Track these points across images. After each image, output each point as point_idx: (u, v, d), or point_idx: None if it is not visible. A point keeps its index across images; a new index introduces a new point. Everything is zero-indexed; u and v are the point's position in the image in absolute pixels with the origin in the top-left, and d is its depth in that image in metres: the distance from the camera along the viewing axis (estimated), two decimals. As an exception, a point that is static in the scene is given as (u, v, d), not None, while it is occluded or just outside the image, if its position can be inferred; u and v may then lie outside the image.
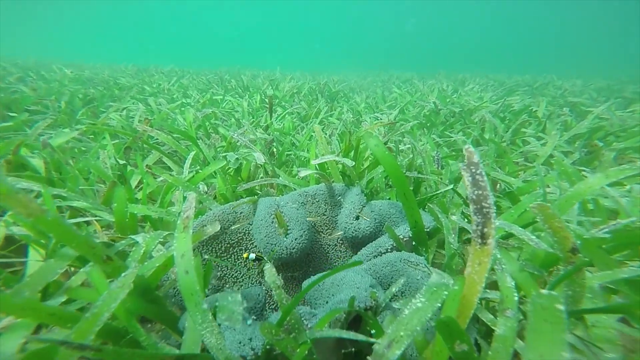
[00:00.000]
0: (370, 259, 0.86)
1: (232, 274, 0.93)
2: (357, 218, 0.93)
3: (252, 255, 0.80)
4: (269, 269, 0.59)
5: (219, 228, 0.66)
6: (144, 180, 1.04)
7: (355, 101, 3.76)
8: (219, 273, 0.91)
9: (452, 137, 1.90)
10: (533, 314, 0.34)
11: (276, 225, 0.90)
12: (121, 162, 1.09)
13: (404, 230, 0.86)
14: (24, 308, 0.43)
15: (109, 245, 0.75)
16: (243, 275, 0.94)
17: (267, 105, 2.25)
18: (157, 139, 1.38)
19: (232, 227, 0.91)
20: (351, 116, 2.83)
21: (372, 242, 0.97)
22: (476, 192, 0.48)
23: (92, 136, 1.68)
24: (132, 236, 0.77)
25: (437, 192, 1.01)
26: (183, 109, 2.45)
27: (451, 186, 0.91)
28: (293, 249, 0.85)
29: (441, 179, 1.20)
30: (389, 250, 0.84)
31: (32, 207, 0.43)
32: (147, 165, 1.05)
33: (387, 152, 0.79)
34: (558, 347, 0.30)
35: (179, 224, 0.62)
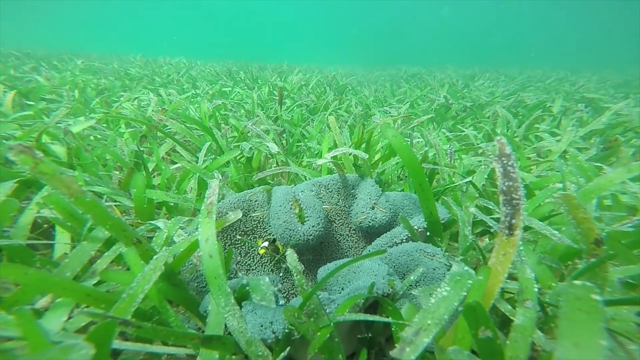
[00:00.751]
0: (385, 249, 0.86)
1: (246, 262, 0.95)
2: (373, 208, 0.93)
3: (265, 243, 0.81)
4: (291, 254, 0.60)
5: (240, 215, 0.67)
6: (162, 167, 1.05)
7: (364, 94, 3.73)
8: (238, 258, 0.93)
9: (463, 132, 1.88)
10: (566, 303, 0.34)
11: (294, 212, 0.91)
12: (139, 149, 1.11)
13: (418, 221, 0.86)
14: (66, 288, 0.44)
15: None
16: (256, 263, 0.95)
17: (277, 97, 2.24)
18: (170, 128, 1.39)
19: (253, 214, 0.92)
20: (360, 109, 2.82)
21: (386, 232, 0.98)
22: (507, 183, 0.47)
23: (106, 125, 1.70)
24: (152, 222, 0.78)
25: (452, 184, 1.00)
26: (194, 99, 2.46)
27: (469, 178, 0.90)
28: (310, 235, 0.86)
29: (454, 172, 1.19)
30: (404, 240, 0.84)
31: (74, 188, 0.44)
32: (166, 152, 1.07)
33: (404, 142, 0.79)
34: (595, 335, 0.30)
35: (202, 209, 0.64)
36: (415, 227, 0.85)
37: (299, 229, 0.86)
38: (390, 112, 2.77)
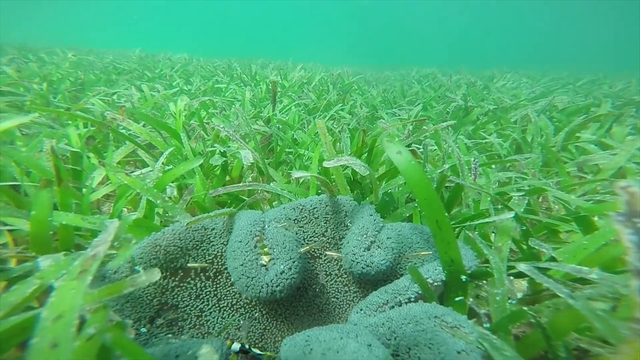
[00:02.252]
0: (384, 310, 0.60)
1: (196, 305, 0.69)
2: (369, 248, 0.66)
3: (236, 346, 0.55)
4: (205, 355, 0.34)
5: (157, 278, 0.42)
6: (83, 184, 0.81)
7: (371, 94, 3.44)
8: (171, 315, 0.67)
9: (485, 140, 1.59)
10: None
11: (258, 252, 0.65)
12: (81, 151, 0.87)
13: (434, 272, 0.59)
14: None
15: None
16: (211, 307, 0.70)
17: (271, 95, 1.99)
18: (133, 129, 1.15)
19: (190, 265, 0.66)
20: (366, 110, 2.54)
21: (386, 281, 0.71)
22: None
23: (70, 122, 1.47)
24: (39, 258, 0.53)
25: (478, 214, 0.72)
26: (178, 96, 2.23)
27: (511, 215, 0.62)
28: (277, 286, 0.60)
29: (480, 192, 0.91)
30: (412, 299, 0.57)
31: None
32: (99, 161, 0.83)
33: (413, 163, 0.52)
34: None
35: (75, 264, 0.38)
36: (430, 281, 0.58)
37: (261, 277, 0.60)
38: (399, 115, 2.48)
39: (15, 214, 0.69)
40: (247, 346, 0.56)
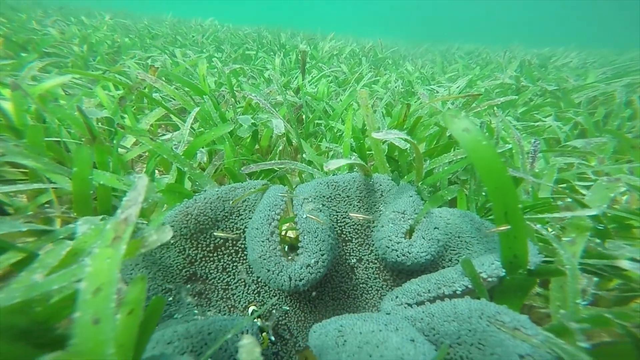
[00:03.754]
0: (423, 302, 0.54)
1: (219, 285, 0.68)
2: (406, 233, 0.59)
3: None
4: (247, 345, 0.30)
5: (169, 237, 0.39)
6: (113, 150, 0.79)
7: (407, 69, 3.17)
8: (199, 286, 0.67)
9: (540, 122, 1.39)
10: None
11: (277, 239, 0.59)
12: (116, 114, 0.86)
13: (489, 266, 0.51)
14: None
15: (43, 232, 0.52)
16: (237, 281, 0.68)
17: (300, 64, 1.88)
18: (165, 92, 1.13)
19: (215, 233, 0.63)
20: (401, 85, 2.34)
21: (424, 272, 0.64)
22: None
23: (98, 84, 1.49)
24: (79, 221, 0.53)
25: (544, 206, 0.61)
26: (209, 64, 2.18)
27: (594, 211, 0.51)
28: (300, 280, 0.56)
29: (539, 183, 0.78)
30: (457, 293, 0.51)
31: None
32: (117, 123, 0.80)
33: (485, 144, 0.43)
34: None
35: (107, 229, 0.35)
36: (484, 275, 0.50)
37: (284, 269, 0.55)
38: (438, 92, 2.27)
39: (58, 170, 0.70)
40: (272, 337, 0.54)
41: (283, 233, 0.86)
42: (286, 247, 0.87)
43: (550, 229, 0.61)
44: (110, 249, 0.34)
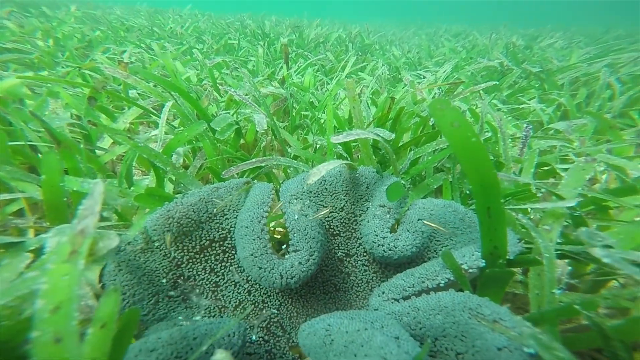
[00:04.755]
0: (408, 295, 0.55)
1: (211, 279, 0.68)
2: (392, 228, 0.60)
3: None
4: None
5: (115, 244, 0.37)
6: (86, 150, 0.76)
7: (394, 55, 3.13)
8: (187, 288, 0.66)
9: (525, 105, 1.40)
10: None
11: (267, 237, 0.59)
12: (86, 114, 0.82)
13: (470, 257, 0.52)
14: None
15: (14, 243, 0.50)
16: (226, 282, 0.68)
17: (283, 52, 1.82)
18: (144, 89, 1.08)
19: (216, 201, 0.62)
20: (387, 72, 2.31)
21: (411, 264, 0.65)
22: None
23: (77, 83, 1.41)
24: (49, 233, 0.51)
25: (524, 194, 0.62)
26: (189, 56, 2.10)
27: (570, 204, 0.51)
28: (292, 278, 0.56)
29: (520, 167, 0.79)
30: (441, 286, 0.52)
31: None
32: (89, 120, 0.75)
33: (474, 141, 0.42)
34: None
35: (62, 242, 0.34)
36: (465, 267, 0.51)
37: (276, 267, 0.55)
38: (425, 77, 2.25)
39: (26, 177, 0.66)
40: (254, 337, 0.54)
41: (271, 229, 0.86)
42: (275, 243, 0.87)
43: (531, 216, 0.62)
44: (67, 264, 0.32)
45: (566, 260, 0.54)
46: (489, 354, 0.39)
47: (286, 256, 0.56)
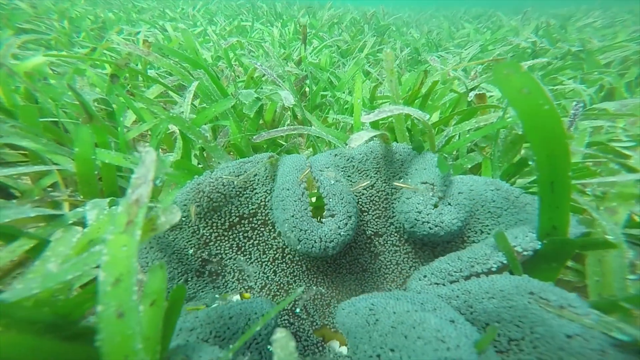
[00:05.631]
0: (455, 279, 0.51)
1: (235, 266, 0.66)
2: (437, 205, 0.56)
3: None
4: (282, 342, 0.27)
5: (178, 218, 0.35)
6: (119, 123, 0.74)
7: (413, 36, 2.98)
8: (215, 267, 0.65)
9: (565, 85, 1.30)
10: None
11: (307, 201, 0.57)
12: (110, 92, 0.80)
13: (523, 238, 0.48)
14: None
15: (52, 217, 0.49)
16: (252, 266, 0.66)
17: (301, 36, 1.75)
18: (159, 67, 1.05)
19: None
20: (407, 53, 2.20)
21: (449, 243, 0.61)
22: None
23: (97, 63, 1.40)
24: (87, 206, 0.49)
25: (583, 172, 0.57)
26: (203, 38, 2.04)
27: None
28: (330, 242, 0.54)
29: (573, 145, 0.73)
30: (492, 270, 0.48)
31: None
32: (127, 90, 0.74)
33: (548, 108, 0.37)
34: None
35: (119, 212, 0.32)
36: (519, 249, 0.47)
37: (315, 230, 0.53)
38: (446, 59, 2.13)
39: (59, 151, 0.65)
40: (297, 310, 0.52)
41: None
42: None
43: (588, 197, 0.57)
44: (124, 235, 0.30)
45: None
46: (555, 342, 0.36)
47: (323, 220, 0.54)
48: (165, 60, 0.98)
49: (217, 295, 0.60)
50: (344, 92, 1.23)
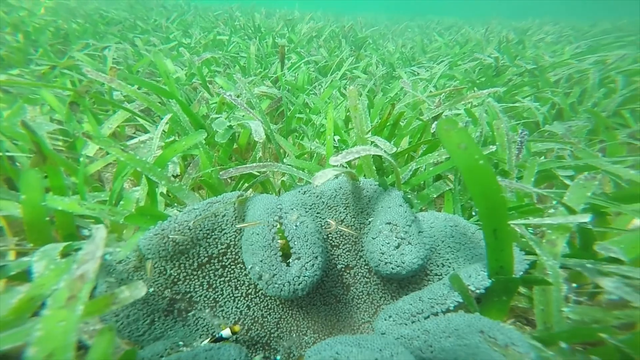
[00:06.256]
0: (417, 320, 0.54)
1: (209, 295, 0.65)
2: (399, 245, 0.58)
3: (227, 332, 0.51)
4: None
5: (143, 293, 0.35)
6: (78, 160, 0.71)
7: (388, 50, 3.09)
8: (184, 305, 0.63)
9: (519, 103, 1.40)
10: None
11: (278, 245, 0.58)
12: (71, 120, 0.76)
13: (476, 277, 0.52)
14: None
15: None
16: (225, 297, 0.66)
17: (279, 52, 1.77)
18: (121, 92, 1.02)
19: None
20: (382, 69, 2.28)
21: (413, 277, 0.64)
22: None
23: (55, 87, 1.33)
24: (34, 256, 0.47)
25: (527, 208, 0.62)
26: (176, 52, 2.00)
27: (587, 218, 0.50)
28: (299, 284, 0.55)
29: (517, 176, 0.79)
30: (450, 309, 0.51)
31: None
32: (82, 132, 0.70)
33: (483, 163, 0.40)
34: None
35: (60, 287, 0.31)
36: (472, 288, 0.51)
37: (283, 275, 0.54)
38: (419, 73, 2.23)
39: (5, 195, 0.61)
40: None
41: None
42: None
43: (531, 230, 0.62)
44: (64, 310, 0.30)
45: (565, 272, 0.54)
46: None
47: (290, 263, 0.55)
48: (130, 87, 0.95)
49: (176, 338, 0.59)
50: (319, 115, 1.25)
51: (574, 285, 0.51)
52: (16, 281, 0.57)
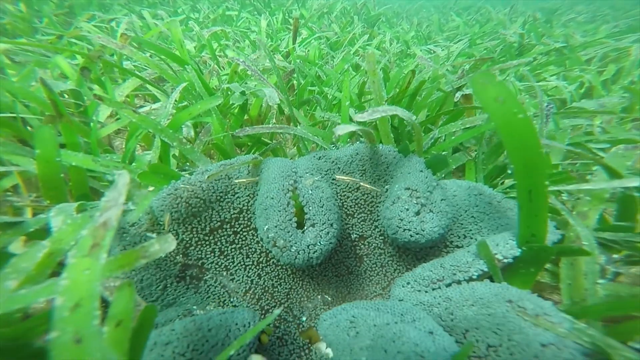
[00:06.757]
0: (438, 287, 0.51)
1: (220, 262, 0.64)
2: (419, 212, 0.55)
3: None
4: None
5: (172, 247, 0.33)
6: (92, 122, 0.69)
7: (402, 28, 2.94)
8: (196, 272, 0.63)
9: (543, 82, 1.32)
10: None
11: (293, 210, 0.56)
12: (81, 84, 0.74)
13: (504, 246, 0.49)
14: None
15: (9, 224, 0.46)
16: (236, 264, 0.65)
17: (292, 27, 1.69)
18: (135, 60, 0.99)
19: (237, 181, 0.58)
20: (397, 46, 2.18)
21: (432, 248, 0.62)
22: None
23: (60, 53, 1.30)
24: (51, 212, 0.46)
25: (561, 176, 0.58)
26: (185, 26, 1.94)
27: (637, 182, 0.46)
28: (314, 252, 0.53)
29: (548, 147, 0.74)
30: (473, 278, 0.48)
31: None
32: (94, 94, 0.68)
33: (522, 117, 0.36)
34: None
35: (84, 235, 0.29)
36: (499, 257, 0.48)
37: (299, 241, 0.52)
38: (435, 52, 2.12)
39: (19, 150, 0.60)
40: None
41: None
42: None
43: (564, 200, 0.58)
44: (88, 258, 0.28)
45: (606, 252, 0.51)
46: (530, 350, 0.37)
47: (305, 230, 0.53)
48: (141, 54, 0.92)
49: (189, 304, 0.58)
50: (331, 88, 1.20)
51: (614, 256, 0.48)
52: (34, 240, 0.57)
